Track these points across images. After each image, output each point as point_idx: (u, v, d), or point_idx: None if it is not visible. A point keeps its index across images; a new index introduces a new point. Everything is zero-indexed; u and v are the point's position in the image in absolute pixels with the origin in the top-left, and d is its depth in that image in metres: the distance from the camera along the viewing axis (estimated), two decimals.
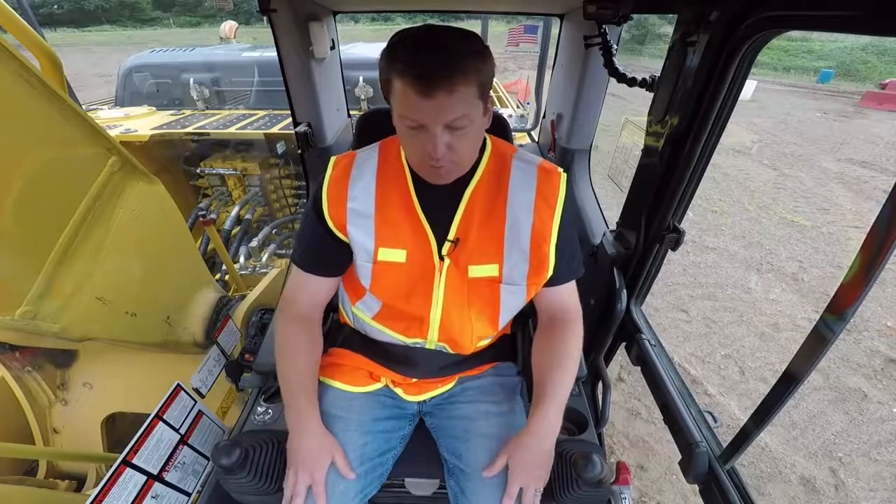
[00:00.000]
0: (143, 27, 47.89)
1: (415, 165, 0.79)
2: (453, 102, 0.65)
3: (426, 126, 0.68)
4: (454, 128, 0.68)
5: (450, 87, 0.63)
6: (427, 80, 0.63)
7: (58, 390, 1.56)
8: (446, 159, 0.71)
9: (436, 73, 0.63)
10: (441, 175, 0.76)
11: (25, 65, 0.91)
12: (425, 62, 0.63)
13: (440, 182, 0.80)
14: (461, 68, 0.64)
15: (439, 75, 0.63)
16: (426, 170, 0.77)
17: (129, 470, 0.92)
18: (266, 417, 1.06)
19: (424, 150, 0.71)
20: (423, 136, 0.69)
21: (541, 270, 0.85)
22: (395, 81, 0.66)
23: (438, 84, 0.63)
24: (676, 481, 2.04)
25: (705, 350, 2.92)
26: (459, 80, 0.64)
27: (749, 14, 0.78)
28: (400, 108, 0.69)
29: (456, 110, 0.66)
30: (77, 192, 1.08)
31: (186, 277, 1.52)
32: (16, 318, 0.96)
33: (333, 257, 0.90)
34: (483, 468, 0.86)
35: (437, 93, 0.63)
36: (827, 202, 5.39)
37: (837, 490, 2.05)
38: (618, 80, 1.28)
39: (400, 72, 0.65)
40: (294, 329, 0.91)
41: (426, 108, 0.65)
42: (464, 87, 0.65)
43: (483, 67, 0.68)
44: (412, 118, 0.68)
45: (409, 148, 0.75)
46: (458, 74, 0.63)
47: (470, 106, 0.68)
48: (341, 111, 2.12)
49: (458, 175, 0.81)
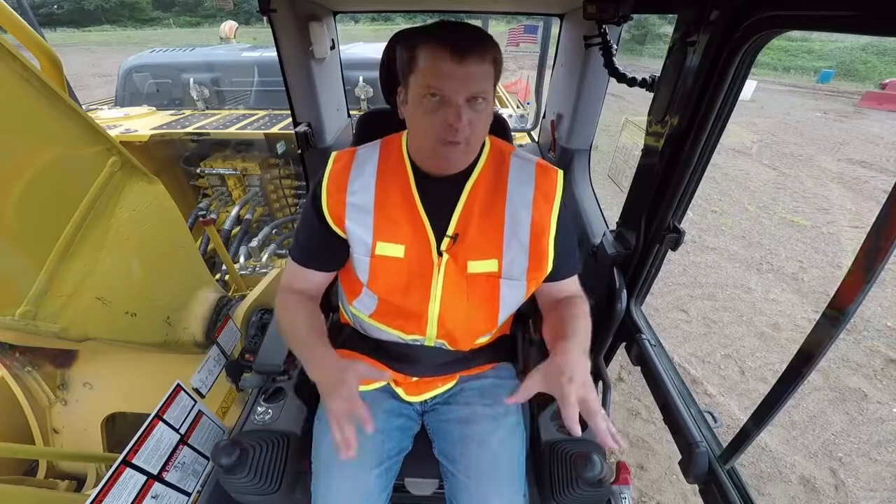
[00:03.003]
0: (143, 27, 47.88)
1: (428, 148, 0.78)
2: (480, 73, 0.70)
3: (449, 98, 0.70)
4: (474, 102, 0.71)
5: (480, 56, 0.69)
6: (462, 45, 0.68)
7: (58, 390, 1.56)
8: (464, 135, 0.72)
9: (469, 40, 0.69)
10: (455, 156, 0.77)
11: (25, 65, 0.91)
12: (459, 31, 0.69)
13: (448, 170, 0.80)
14: (488, 43, 0.70)
15: (472, 42, 0.69)
16: (441, 150, 0.76)
17: (129, 470, 0.92)
18: (266, 417, 1.06)
19: (445, 123, 0.71)
20: (445, 110, 0.71)
21: (540, 265, 0.85)
22: (424, 52, 0.70)
23: (472, 49, 0.68)
24: (676, 481, 2.04)
25: (705, 350, 2.92)
26: (487, 52, 0.70)
27: (749, 14, 0.78)
28: (427, 78, 0.70)
29: (481, 82, 0.70)
30: (77, 191, 1.08)
31: (186, 277, 1.52)
32: (16, 318, 0.95)
33: (329, 252, 0.90)
34: (474, 475, 0.86)
35: (469, 58, 0.68)
36: (827, 202, 5.38)
37: (837, 490, 2.05)
38: (618, 80, 1.28)
39: (433, 41, 0.69)
40: (293, 298, 0.92)
41: (457, 75, 0.68)
42: (489, 61, 0.71)
43: (499, 54, 0.73)
44: (439, 87, 0.69)
45: (426, 126, 0.74)
46: (487, 47, 0.70)
47: (489, 83, 0.72)
48: (341, 111, 2.12)
49: (466, 162, 0.81)
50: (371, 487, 0.86)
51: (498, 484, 0.86)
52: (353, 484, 0.85)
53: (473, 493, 0.86)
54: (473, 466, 0.88)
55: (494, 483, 0.86)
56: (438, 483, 1.01)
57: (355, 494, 0.84)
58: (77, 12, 48.88)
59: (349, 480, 0.85)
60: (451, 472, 0.91)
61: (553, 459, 0.98)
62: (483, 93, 0.71)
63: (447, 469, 0.92)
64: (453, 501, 0.89)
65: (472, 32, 0.70)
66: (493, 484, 0.86)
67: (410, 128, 0.80)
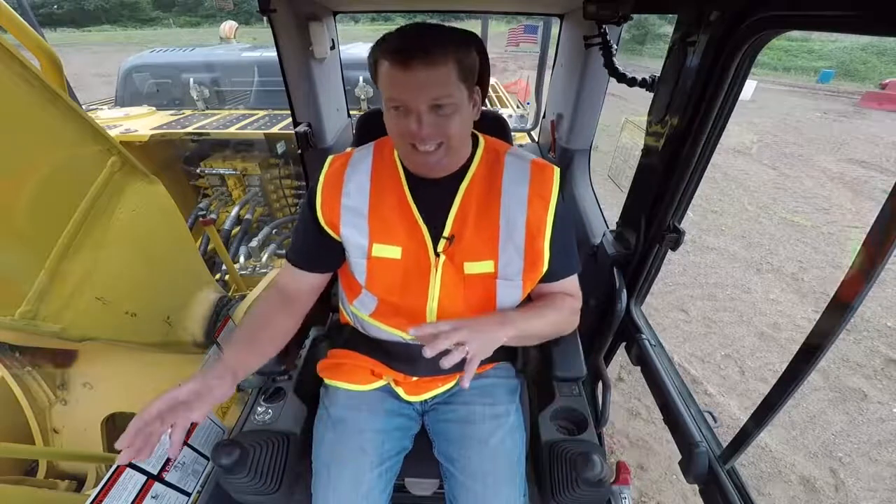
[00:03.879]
0: (143, 27, 47.86)
1: (403, 156, 0.79)
2: (431, 77, 0.67)
3: (409, 106, 0.69)
4: (439, 109, 0.70)
5: (426, 59, 0.66)
6: (405, 52, 0.67)
7: (58, 390, 1.56)
8: (432, 140, 0.72)
9: (413, 45, 0.67)
10: (430, 164, 0.76)
11: (25, 65, 0.91)
12: (405, 38, 0.69)
13: (431, 174, 0.80)
14: (439, 43, 0.68)
15: (416, 47, 0.67)
16: (414, 159, 0.76)
17: (129, 470, 0.92)
18: (266, 417, 1.06)
19: (409, 132, 0.71)
20: (408, 118, 0.70)
21: (536, 266, 0.85)
22: (381, 63, 0.70)
23: (415, 54, 0.66)
24: (676, 481, 2.04)
25: (705, 350, 2.92)
26: (436, 53, 0.67)
27: (749, 14, 0.78)
28: (385, 89, 0.71)
29: (438, 87, 0.68)
30: (77, 192, 1.08)
31: (186, 277, 1.52)
32: (16, 318, 0.95)
33: (325, 254, 0.91)
34: (474, 475, 0.86)
35: (414, 63, 0.66)
36: (827, 202, 5.38)
37: (837, 490, 2.05)
38: (618, 80, 1.28)
39: (383, 51, 0.69)
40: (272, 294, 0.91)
41: (406, 83, 0.68)
42: (441, 62, 0.67)
43: (463, 50, 0.70)
44: (394, 96, 0.70)
45: (396, 135, 0.75)
46: (435, 48, 0.67)
47: (451, 86, 0.70)
48: (341, 111, 2.12)
49: (449, 167, 0.81)
50: (371, 487, 0.86)
51: (498, 484, 0.86)
52: (353, 484, 0.85)
53: (473, 493, 0.86)
54: (473, 466, 0.88)
55: (494, 483, 0.86)
56: (438, 483, 1.01)
57: (355, 494, 0.84)
58: (77, 12, 48.86)
59: (349, 480, 0.85)
60: (450, 472, 0.91)
61: (553, 459, 0.98)
62: (445, 97, 0.69)
63: (447, 469, 0.92)
64: (453, 501, 0.89)
65: (418, 39, 0.68)
66: (493, 484, 0.86)
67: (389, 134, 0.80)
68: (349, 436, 0.90)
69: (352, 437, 0.89)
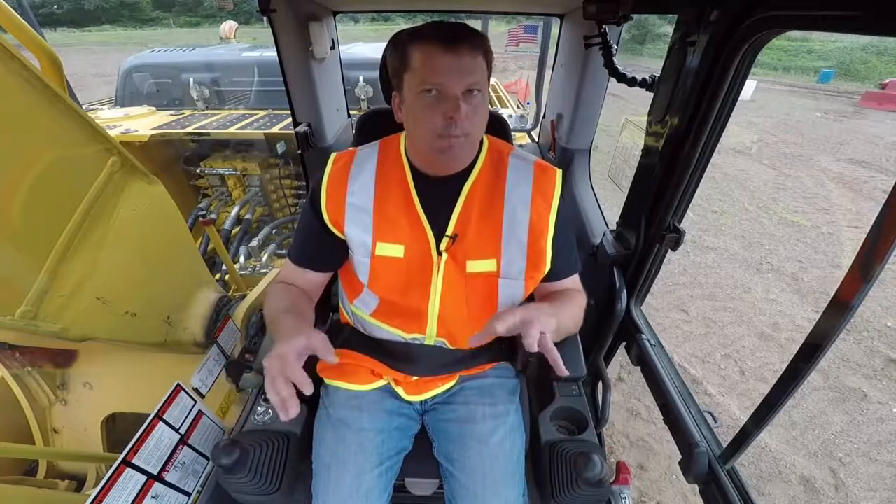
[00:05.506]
0: (143, 27, 47.87)
1: (427, 144, 0.77)
2: (474, 65, 0.72)
3: (446, 92, 0.71)
4: (472, 96, 0.72)
5: (472, 47, 0.71)
6: (453, 38, 0.70)
7: (58, 390, 1.56)
8: (463, 128, 0.73)
9: (460, 32, 0.71)
10: (456, 150, 0.76)
11: (25, 65, 0.91)
12: (448, 26, 0.72)
13: (451, 162, 0.81)
14: (479, 36, 0.73)
15: (464, 35, 0.71)
16: (439, 144, 0.75)
17: (129, 470, 0.92)
18: (266, 417, 1.06)
19: (444, 117, 0.72)
20: (444, 104, 0.71)
21: (538, 265, 0.85)
22: (417, 50, 0.71)
23: (464, 40, 0.70)
24: (676, 481, 2.04)
25: (705, 350, 2.92)
26: (478, 44, 0.72)
27: (749, 14, 0.78)
28: (422, 74, 0.71)
29: (475, 73, 0.72)
30: (77, 192, 1.08)
31: (186, 277, 1.52)
32: (16, 318, 0.95)
33: (327, 253, 0.91)
34: (474, 475, 0.86)
35: (462, 49, 0.70)
36: (827, 202, 5.38)
37: (837, 490, 2.05)
38: (618, 80, 1.28)
39: (424, 38, 0.71)
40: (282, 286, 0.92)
41: (451, 67, 0.70)
42: (479, 52, 0.73)
43: (489, 47, 0.75)
44: (434, 80, 0.70)
45: (425, 122, 0.74)
46: (478, 40, 0.72)
47: (483, 76, 0.74)
48: (341, 111, 2.12)
49: (462, 160, 0.82)
50: (371, 487, 0.86)
51: (498, 484, 0.86)
52: (353, 484, 0.85)
53: (473, 493, 0.86)
54: (473, 466, 0.88)
55: (494, 483, 0.86)
56: (438, 483, 1.01)
57: (355, 494, 0.84)
58: (77, 12, 48.86)
59: (349, 480, 0.85)
60: (450, 471, 0.91)
61: (553, 459, 0.98)
62: (478, 84, 0.73)
63: (447, 469, 0.92)
64: (453, 501, 0.89)
65: (461, 26, 0.73)
66: (493, 484, 0.86)
67: (409, 128, 0.80)
68: (349, 436, 0.90)
69: (352, 437, 0.90)
